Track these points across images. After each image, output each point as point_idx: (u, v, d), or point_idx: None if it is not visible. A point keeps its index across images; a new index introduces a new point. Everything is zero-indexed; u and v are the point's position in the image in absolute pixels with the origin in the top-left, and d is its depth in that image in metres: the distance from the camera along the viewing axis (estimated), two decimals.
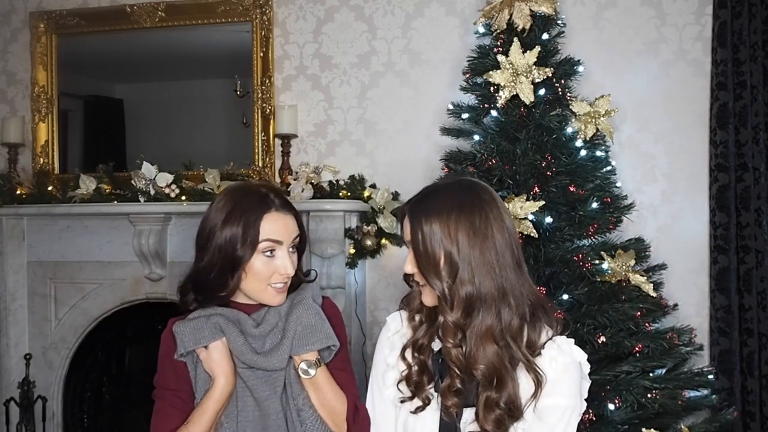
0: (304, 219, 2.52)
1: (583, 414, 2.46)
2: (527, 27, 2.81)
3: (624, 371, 2.57)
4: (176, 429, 1.52)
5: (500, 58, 2.79)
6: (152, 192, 3.32)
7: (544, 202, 2.66)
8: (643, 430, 2.52)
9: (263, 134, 3.47)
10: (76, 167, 3.73)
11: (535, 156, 2.74)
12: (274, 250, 1.53)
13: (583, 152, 2.78)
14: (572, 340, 1.49)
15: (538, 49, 2.77)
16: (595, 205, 2.73)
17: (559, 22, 2.94)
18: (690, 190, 3.14)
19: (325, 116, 3.48)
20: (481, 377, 1.40)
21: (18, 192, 3.56)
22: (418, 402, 1.50)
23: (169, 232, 3.46)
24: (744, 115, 2.99)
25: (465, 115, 2.93)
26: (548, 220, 2.70)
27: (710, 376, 2.76)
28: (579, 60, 2.90)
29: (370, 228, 3.17)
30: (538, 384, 1.41)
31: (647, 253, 2.86)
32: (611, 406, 2.53)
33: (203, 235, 1.56)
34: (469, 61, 2.96)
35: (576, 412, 1.46)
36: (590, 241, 2.76)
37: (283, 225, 1.54)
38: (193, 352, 1.55)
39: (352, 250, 3.21)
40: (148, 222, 3.38)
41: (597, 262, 2.67)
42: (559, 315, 1.53)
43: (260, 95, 3.47)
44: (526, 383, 1.42)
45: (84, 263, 3.57)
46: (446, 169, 2.91)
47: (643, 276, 2.70)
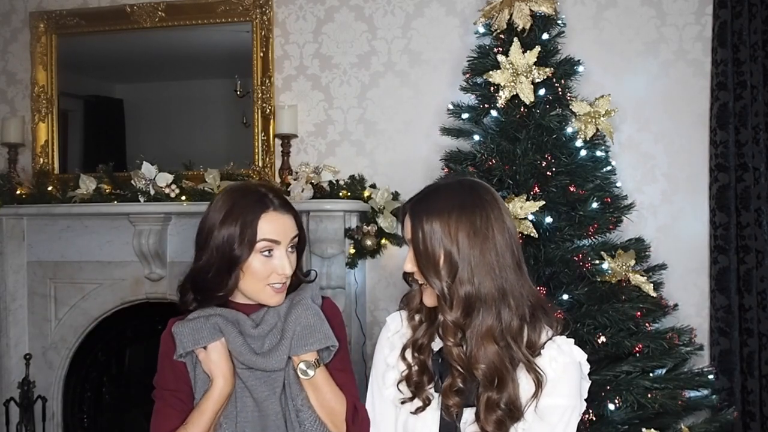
0: (304, 219, 2.52)
1: (583, 414, 2.46)
2: (527, 27, 2.81)
3: (624, 371, 2.57)
4: (175, 429, 1.52)
5: (500, 58, 2.79)
6: (152, 192, 3.32)
7: (544, 202, 2.66)
8: (643, 430, 2.52)
9: (263, 134, 3.47)
10: (76, 167, 3.73)
11: (535, 156, 2.74)
12: (272, 249, 1.52)
13: (583, 152, 2.78)
14: (572, 340, 1.49)
15: (538, 49, 2.77)
16: (595, 205, 2.73)
17: (559, 22, 2.94)
18: (690, 190, 3.14)
19: (325, 116, 3.48)
20: (482, 377, 1.40)
21: (18, 192, 3.56)
22: (418, 402, 1.49)
23: (169, 232, 3.46)
24: (744, 115, 2.99)
25: (465, 115, 2.94)
26: (548, 220, 2.70)
27: (710, 376, 2.77)
28: (579, 60, 2.91)
29: (370, 228, 3.17)
30: (538, 384, 1.41)
31: (647, 253, 2.86)
32: (611, 406, 2.53)
33: (202, 235, 1.56)
34: (469, 61, 2.96)
35: (576, 412, 1.46)
36: (590, 241, 2.76)
37: (281, 225, 1.54)
38: (192, 352, 1.55)
39: (352, 250, 3.21)
40: (148, 222, 3.38)
41: (597, 262, 2.67)
42: (559, 315, 1.53)
43: (260, 95, 3.47)
44: (526, 384, 1.42)
45: (84, 263, 3.57)
46: (446, 169, 2.91)
47: (643, 276, 2.70)
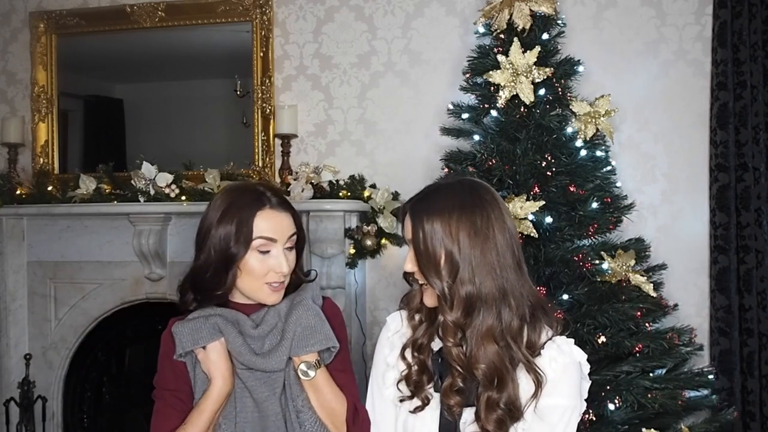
0: (304, 219, 2.52)
1: (583, 414, 2.46)
2: (527, 27, 2.81)
3: (624, 371, 2.57)
4: (175, 429, 1.52)
5: (500, 58, 2.79)
6: (152, 192, 3.32)
7: (544, 202, 2.66)
8: (643, 430, 2.52)
9: (263, 134, 3.47)
10: (76, 167, 3.73)
11: (535, 156, 2.74)
12: (269, 248, 1.52)
13: (583, 152, 2.78)
14: (572, 341, 1.49)
15: (538, 49, 2.77)
16: (595, 205, 2.73)
17: (559, 22, 2.94)
18: (690, 190, 3.14)
19: (325, 116, 3.48)
20: (482, 377, 1.40)
21: (18, 192, 3.56)
22: (417, 402, 1.49)
23: (169, 232, 3.46)
24: (744, 115, 2.99)
25: (465, 115, 2.94)
26: (548, 220, 2.70)
27: (710, 376, 2.76)
28: (579, 60, 2.91)
29: (370, 228, 3.17)
30: (538, 384, 1.41)
31: (647, 253, 2.86)
32: (611, 406, 2.53)
33: (201, 234, 1.56)
34: (469, 61, 2.96)
35: (576, 412, 1.46)
36: (590, 241, 2.76)
37: (277, 223, 1.53)
38: (192, 352, 1.55)
39: (352, 250, 3.21)
40: (148, 222, 3.38)
41: (597, 262, 2.67)
42: (559, 315, 1.53)
43: (260, 95, 3.47)
44: (526, 384, 1.42)
45: (84, 263, 3.57)
46: (446, 169, 2.91)
47: (643, 276, 2.70)
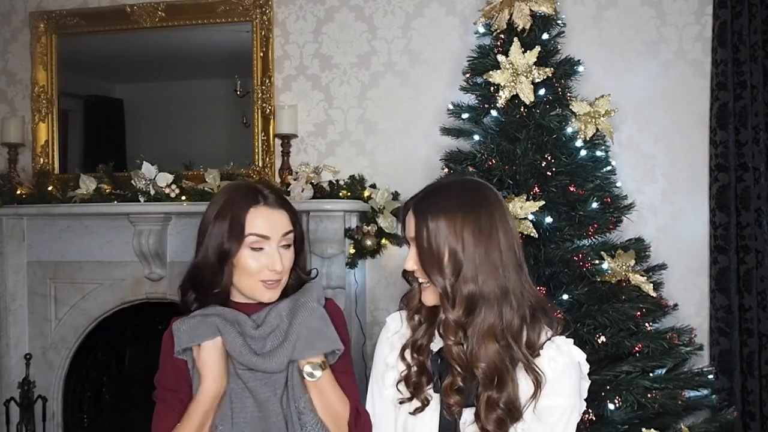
0: (303, 219, 2.51)
1: (583, 414, 2.46)
2: (527, 27, 2.81)
3: (624, 371, 2.57)
4: (171, 431, 1.51)
5: (500, 58, 2.79)
6: (152, 192, 3.32)
7: (544, 202, 2.66)
8: (643, 430, 2.52)
9: (263, 134, 3.47)
10: (76, 167, 3.73)
11: (535, 156, 2.74)
12: (262, 245, 1.52)
13: (583, 152, 2.78)
14: (571, 340, 1.49)
15: (538, 49, 2.77)
16: (595, 205, 2.73)
17: (559, 22, 2.94)
18: (690, 190, 3.14)
19: (325, 116, 3.48)
20: (482, 376, 1.40)
21: (18, 192, 3.56)
22: (417, 403, 1.49)
23: (169, 232, 3.45)
24: (744, 115, 2.99)
25: (465, 115, 2.94)
26: (548, 220, 2.70)
27: (710, 376, 2.76)
28: (579, 60, 2.91)
29: (370, 228, 3.17)
30: (537, 385, 1.41)
31: (647, 253, 2.86)
32: (611, 406, 2.53)
33: (200, 232, 1.57)
34: (469, 61, 2.96)
35: (576, 412, 1.46)
36: (590, 241, 2.76)
37: (270, 220, 1.53)
38: (191, 349, 1.54)
39: (352, 250, 3.21)
40: (148, 222, 3.38)
41: (597, 262, 2.67)
42: (559, 315, 1.53)
43: (260, 95, 3.47)
44: (525, 384, 1.42)
45: (84, 263, 3.57)
46: (446, 169, 2.91)
47: (643, 276, 2.70)
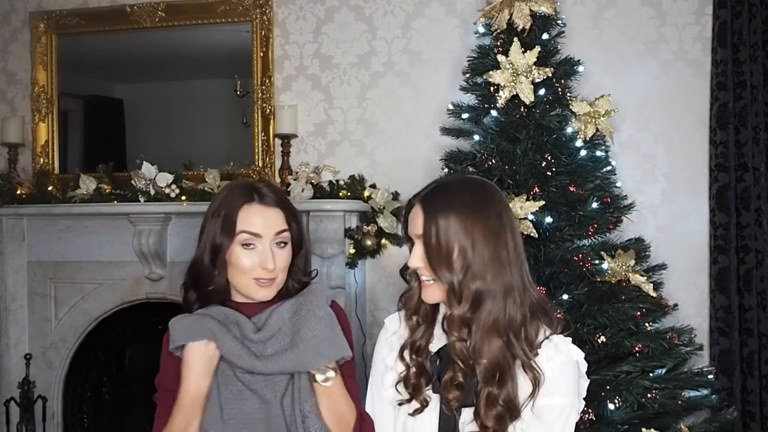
0: (303, 219, 2.50)
1: (583, 414, 2.47)
2: (527, 27, 2.81)
3: (624, 371, 2.57)
4: None
5: (500, 58, 2.79)
6: (152, 192, 3.32)
7: (544, 202, 2.66)
8: (643, 430, 2.52)
9: (263, 134, 3.47)
10: (76, 167, 3.72)
11: (535, 156, 2.74)
12: (254, 242, 1.51)
13: (583, 152, 2.78)
14: (569, 339, 1.50)
15: (538, 49, 2.77)
16: (595, 205, 2.73)
17: (559, 22, 2.94)
18: (690, 190, 3.14)
19: (325, 116, 3.48)
20: (483, 371, 1.40)
21: (18, 192, 3.56)
22: (416, 404, 1.50)
23: (169, 232, 3.45)
24: (744, 115, 2.99)
25: (465, 115, 2.94)
26: (548, 220, 2.70)
27: (710, 376, 2.77)
28: (579, 60, 2.91)
29: (370, 228, 3.17)
30: (535, 383, 1.41)
31: (647, 253, 2.86)
32: (611, 406, 2.53)
33: (200, 229, 1.58)
34: (469, 61, 2.97)
35: (574, 411, 1.46)
36: (590, 241, 2.76)
37: (262, 217, 1.52)
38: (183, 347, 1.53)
39: (352, 250, 3.21)
40: (148, 222, 3.38)
41: (597, 262, 2.67)
42: (559, 315, 1.53)
43: (260, 95, 3.47)
44: (523, 382, 1.43)
45: (84, 263, 3.56)
46: (446, 169, 2.92)
47: (643, 276, 2.70)
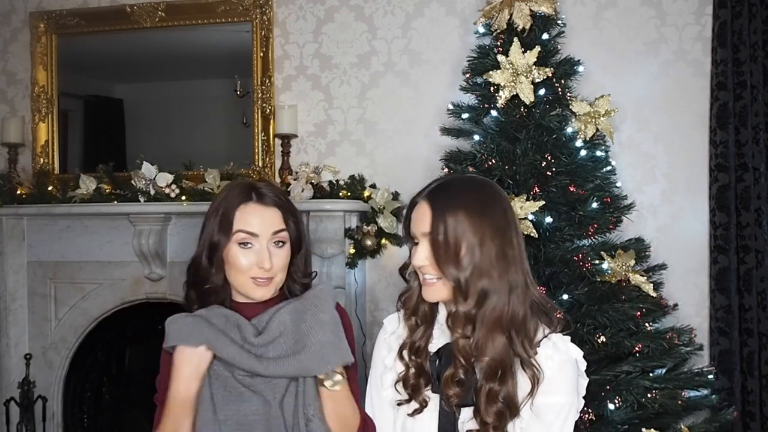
0: (303, 219, 2.49)
1: (584, 414, 2.47)
2: (527, 27, 2.81)
3: (624, 371, 2.57)
4: None
5: (500, 58, 2.79)
6: (152, 192, 3.32)
7: (544, 202, 2.66)
8: (643, 430, 2.52)
9: (263, 134, 3.47)
10: (76, 167, 3.72)
11: (535, 156, 2.74)
12: (250, 241, 1.51)
13: (583, 152, 2.78)
14: (568, 338, 1.50)
15: (538, 49, 2.77)
16: (595, 205, 2.73)
17: (559, 22, 2.94)
18: (690, 190, 3.14)
19: (325, 116, 3.48)
20: (486, 368, 1.41)
21: (18, 192, 3.56)
22: (415, 404, 1.50)
23: (169, 232, 3.45)
24: (744, 115, 2.99)
25: (465, 115, 2.94)
26: (548, 220, 2.70)
27: (710, 376, 2.76)
28: (579, 60, 2.91)
29: (370, 228, 3.17)
30: (534, 381, 1.41)
31: (647, 253, 2.86)
32: (611, 406, 2.53)
33: (201, 228, 1.58)
34: (469, 61, 2.97)
35: (573, 410, 1.46)
36: (590, 241, 2.76)
37: (259, 217, 1.52)
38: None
39: (352, 250, 3.21)
40: (148, 222, 3.38)
41: (597, 262, 2.67)
42: (560, 315, 1.54)
43: (260, 95, 3.47)
44: (522, 381, 1.43)
45: (84, 263, 3.56)
46: (446, 169, 2.92)
47: (643, 276, 2.70)
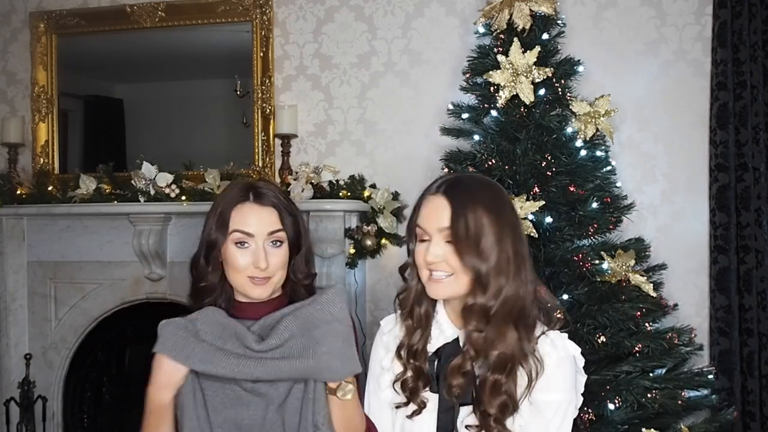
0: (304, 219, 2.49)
1: (584, 414, 2.47)
2: (527, 27, 2.81)
3: (624, 371, 2.57)
4: None
5: (500, 58, 2.79)
6: (152, 192, 3.32)
7: (544, 202, 2.66)
8: (643, 430, 2.52)
9: (263, 134, 3.47)
10: (76, 167, 3.72)
11: (535, 156, 2.74)
12: (246, 241, 1.51)
13: (583, 152, 2.78)
14: (565, 335, 1.51)
15: (538, 49, 2.77)
16: (595, 205, 2.73)
17: (559, 22, 2.94)
18: (690, 190, 3.14)
19: (325, 116, 3.48)
20: (496, 360, 1.42)
21: (18, 192, 3.56)
22: (413, 407, 1.50)
23: (169, 232, 3.45)
24: (744, 115, 2.99)
25: (465, 115, 2.94)
26: (548, 220, 2.70)
27: (710, 376, 2.76)
28: (579, 60, 2.91)
29: (370, 228, 3.17)
30: (530, 376, 1.42)
31: (647, 253, 2.86)
32: (611, 406, 2.53)
33: (202, 228, 1.58)
34: (469, 61, 2.96)
35: (572, 406, 1.47)
36: (590, 241, 2.76)
37: (255, 217, 1.52)
38: None
39: (352, 250, 3.21)
40: (148, 222, 3.38)
41: (597, 262, 2.67)
42: (560, 315, 1.54)
43: (260, 95, 3.47)
44: (520, 378, 1.44)
45: (84, 263, 3.56)
46: (446, 169, 2.91)
47: (643, 276, 2.70)
